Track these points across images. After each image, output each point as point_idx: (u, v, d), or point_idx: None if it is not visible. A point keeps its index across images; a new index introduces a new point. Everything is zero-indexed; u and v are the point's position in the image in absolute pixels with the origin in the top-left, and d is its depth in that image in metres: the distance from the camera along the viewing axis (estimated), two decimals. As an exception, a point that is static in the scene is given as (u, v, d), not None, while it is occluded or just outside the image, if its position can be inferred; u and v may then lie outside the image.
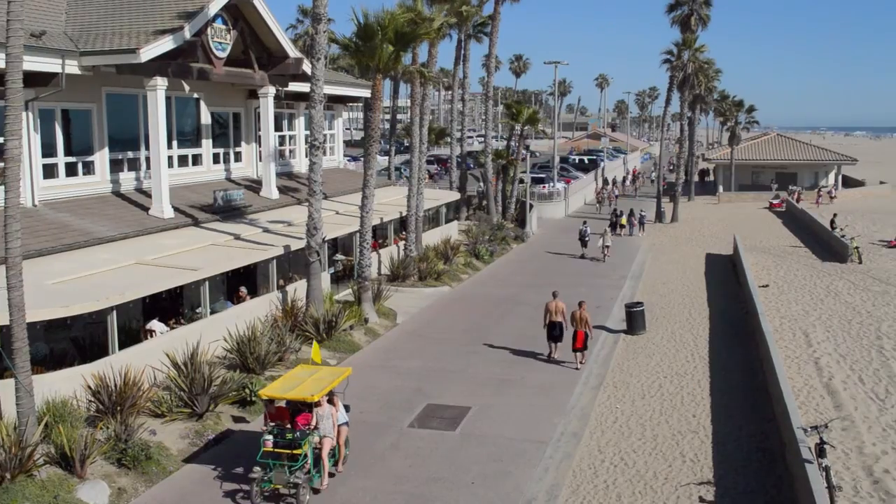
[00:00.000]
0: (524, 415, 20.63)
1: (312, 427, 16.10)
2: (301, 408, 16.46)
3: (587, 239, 45.85)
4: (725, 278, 38.93)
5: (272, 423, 16.30)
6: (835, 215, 54.94)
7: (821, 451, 15.82)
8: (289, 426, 16.29)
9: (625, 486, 16.76)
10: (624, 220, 54.92)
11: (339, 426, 16.61)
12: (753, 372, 24.05)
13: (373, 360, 25.10)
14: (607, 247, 44.09)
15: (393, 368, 24.32)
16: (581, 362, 24.61)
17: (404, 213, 37.61)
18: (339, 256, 33.62)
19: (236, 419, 19.73)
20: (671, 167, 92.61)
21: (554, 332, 25.14)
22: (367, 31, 27.85)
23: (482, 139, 62.78)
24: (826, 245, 48.29)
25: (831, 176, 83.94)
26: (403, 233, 38.17)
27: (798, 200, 72.36)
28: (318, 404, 16.14)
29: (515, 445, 18.65)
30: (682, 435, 19.47)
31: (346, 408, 17.27)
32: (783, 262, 43.51)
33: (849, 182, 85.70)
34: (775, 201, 71.94)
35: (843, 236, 46.62)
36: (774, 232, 56.33)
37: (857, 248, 43.40)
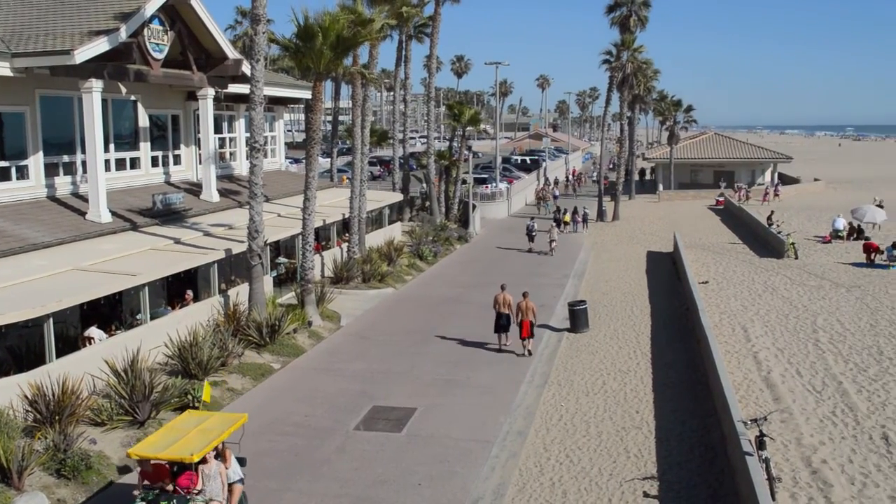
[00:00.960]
0: (470, 414, 20.67)
1: (196, 490, 13.71)
2: (184, 466, 13.87)
3: (534, 234, 47.63)
4: (666, 275, 39.48)
5: (148, 486, 13.88)
6: (772, 212, 56.05)
7: (760, 444, 16.12)
8: (169, 488, 13.85)
9: (570, 483, 16.89)
10: (568, 217, 56.41)
11: (230, 485, 14.17)
12: (695, 367, 24.42)
13: (317, 364, 24.95)
14: (554, 241, 45.79)
15: (337, 371, 24.20)
16: (528, 349, 25.73)
17: (347, 215, 37.45)
18: (281, 259, 33.34)
19: (179, 426, 19.42)
20: (612, 166, 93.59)
21: (501, 322, 26.26)
22: (308, 33, 27.66)
23: (425, 140, 62.80)
24: (763, 241, 49.25)
25: (768, 173, 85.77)
26: (346, 234, 38.01)
27: (747, 198, 73.92)
28: (204, 461, 13.79)
29: (462, 445, 18.68)
30: (626, 431, 19.69)
31: (241, 461, 14.82)
32: (722, 258, 44.27)
33: (784, 179, 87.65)
34: (721, 199, 73.30)
35: (779, 233, 47.61)
36: (713, 229, 57.27)
37: (793, 244, 44.32)
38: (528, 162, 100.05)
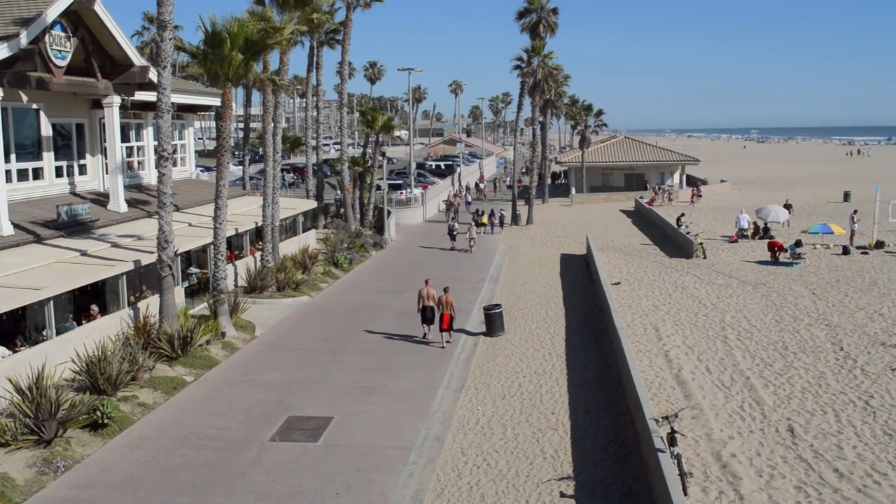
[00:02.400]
0: (387, 421, 20.61)
1: None
2: None
3: (455, 233, 50.84)
4: (580, 277, 40.05)
5: None
6: (682, 214, 57.39)
7: (672, 440, 16.43)
8: None
9: (488, 487, 16.97)
10: (485, 219, 58.70)
11: None
12: (608, 367, 24.82)
13: (231, 375, 24.57)
14: (473, 239, 49.14)
15: (252, 382, 23.86)
16: (448, 341, 27.38)
17: (260, 223, 37.01)
18: (193, 270, 32.72)
19: (88, 444, 18.90)
20: (525, 170, 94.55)
21: (426, 315, 27.73)
22: (216, 39, 27.25)
23: (338, 147, 62.44)
24: (673, 242, 50.38)
25: (676, 176, 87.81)
26: (260, 243, 37.55)
27: (669, 200, 75.58)
28: None
29: (379, 453, 18.61)
30: (543, 432, 19.88)
31: None
32: (634, 259, 45.12)
33: (692, 181, 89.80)
34: (647, 200, 74.82)
35: (688, 233, 48.79)
36: (625, 231, 58.33)
37: (701, 244, 45.46)
38: (443, 167, 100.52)
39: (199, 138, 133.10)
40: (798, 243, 43.53)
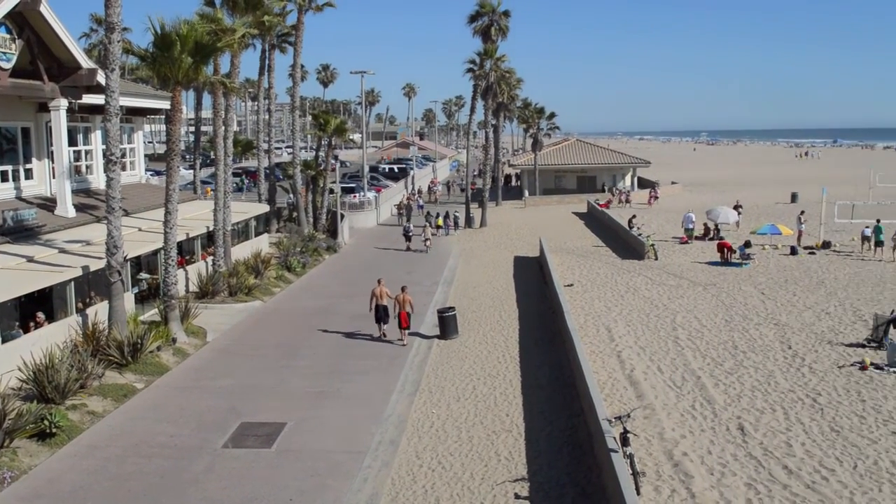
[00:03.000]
0: (341, 426, 20.52)
1: None
2: None
3: (411, 234, 52.15)
4: (533, 280, 40.24)
5: None
6: (633, 216, 57.95)
7: (625, 440, 16.59)
8: None
9: (443, 490, 16.96)
10: (440, 221, 59.34)
11: None
12: (561, 368, 24.96)
13: (183, 381, 24.27)
14: (428, 240, 50.43)
15: (204, 388, 23.60)
16: (403, 339, 28.16)
17: (211, 228, 36.64)
18: (143, 275, 32.33)
19: (35, 454, 18.53)
20: (478, 173, 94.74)
21: (379, 313, 28.67)
22: (165, 41, 26.93)
23: (291, 150, 62.03)
24: (625, 244, 50.84)
25: (628, 178, 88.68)
26: (212, 248, 37.17)
27: (627, 201, 76.32)
28: None
29: (333, 458, 18.52)
30: (497, 434, 19.93)
31: None
32: (586, 261, 45.43)
33: (643, 183, 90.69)
34: (602, 202, 75.46)
35: (639, 235, 49.27)
36: (577, 233, 58.72)
37: (652, 245, 45.94)
38: (396, 170, 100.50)
39: (150, 142, 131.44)
40: (747, 244, 44.19)
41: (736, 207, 58.45)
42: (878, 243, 43.80)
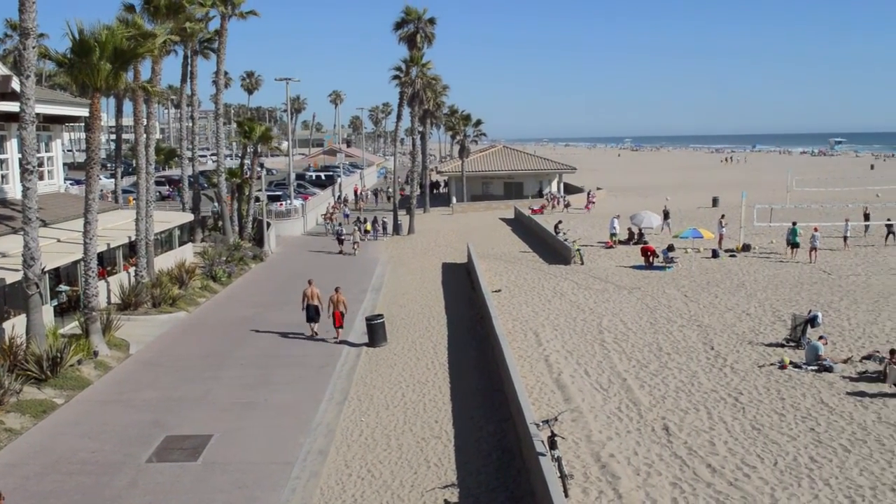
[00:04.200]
0: (269, 437, 20.28)
1: None
2: None
3: (343, 238, 54.53)
4: (461, 286, 40.36)
5: None
6: (559, 221, 58.55)
7: (552, 443, 16.72)
8: None
9: (373, 498, 16.87)
10: (369, 226, 60.59)
11: None
12: (490, 373, 25.06)
13: (105, 395, 23.70)
14: (357, 243, 53.21)
15: (127, 402, 23.08)
16: (338, 338, 29.46)
17: (133, 238, 35.90)
18: (62, 287, 31.50)
19: (-52, 473, 17.90)
20: (406, 180, 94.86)
21: (310, 313, 29.84)
22: (84, 47, 26.33)
23: (216, 158, 61.22)
24: (551, 249, 51.32)
25: (554, 184, 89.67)
26: (134, 258, 36.41)
27: (565, 206, 77.20)
28: None
29: (261, 469, 18.28)
30: (426, 441, 19.91)
31: None
32: (514, 267, 45.73)
33: (570, 189, 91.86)
34: (536, 207, 76.23)
35: (566, 240, 49.80)
36: (505, 239, 59.07)
37: (578, 250, 46.45)
38: (324, 178, 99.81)
39: (69, 150, 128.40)
40: (670, 248, 45.01)
41: (664, 212, 59.59)
42: (794, 245, 45.05)
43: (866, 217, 54.93)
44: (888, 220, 52.14)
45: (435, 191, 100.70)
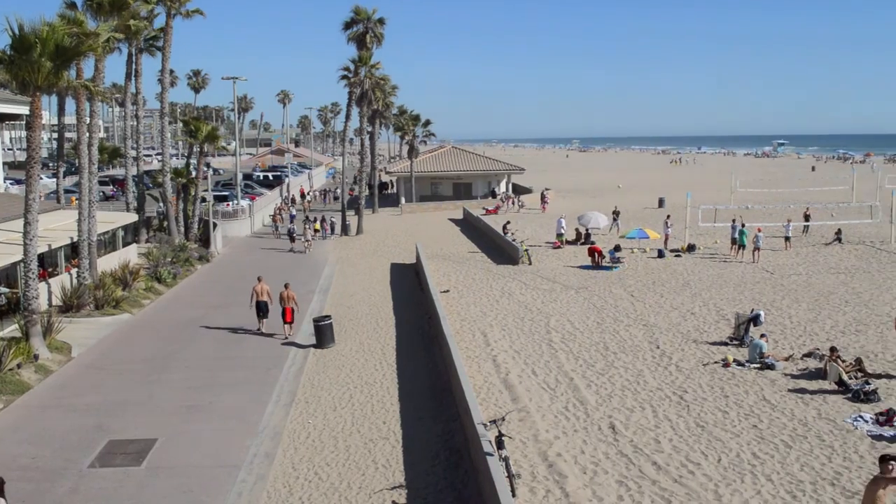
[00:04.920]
0: (215, 440, 20.05)
1: None
2: None
3: (295, 236, 56.05)
4: (409, 286, 40.31)
5: None
6: (507, 222, 58.82)
7: (500, 443, 16.78)
8: None
9: (320, 501, 16.77)
10: (318, 225, 61.04)
11: None
12: (438, 374, 25.08)
13: (45, 400, 23.22)
14: (308, 241, 53.97)
15: (68, 406, 22.64)
16: (289, 334, 29.99)
17: (76, 238, 35.25)
18: (1, 289, 30.79)
19: None
20: (354, 180, 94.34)
21: (261, 309, 30.43)
22: (24, 44, 25.77)
23: (161, 157, 60.38)
24: (500, 249, 51.52)
25: (503, 184, 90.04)
26: (76, 259, 35.75)
27: (521, 206, 77.62)
28: None
29: (207, 473, 18.06)
30: (374, 443, 19.85)
31: None
32: (462, 267, 45.81)
33: (518, 189, 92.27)
34: (490, 207, 76.55)
35: (514, 240, 50.04)
36: (454, 240, 59.15)
37: (526, 250, 46.71)
38: (271, 178, 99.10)
39: (9, 149, 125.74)
40: (617, 248, 45.46)
41: (614, 213, 60.20)
42: (741, 245, 45.82)
43: (806, 218, 56.05)
44: (838, 228, 52.65)
45: (384, 191, 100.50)
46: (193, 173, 55.34)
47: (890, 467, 13.12)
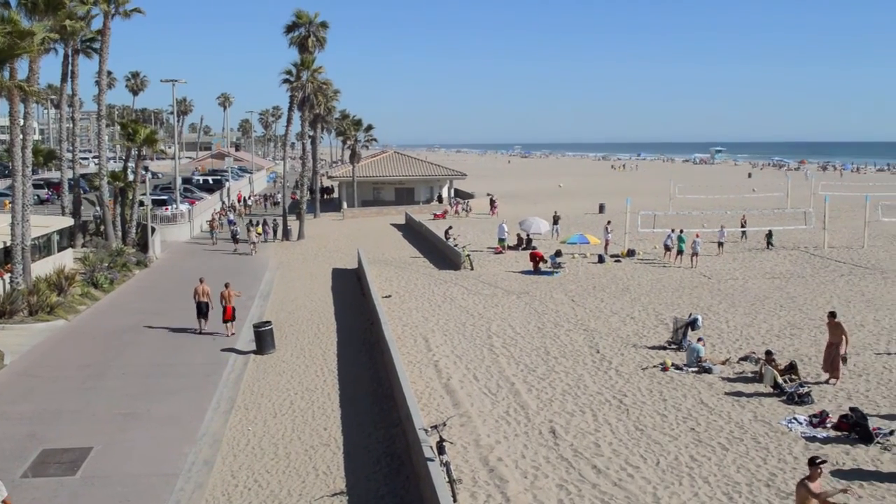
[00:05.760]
0: (152, 448, 19.73)
1: None
2: None
3: (238, 237, 57.36)
4: (351, 291, 40.15)
5: None
6: (450, 227, 58.94)
7: (441, 449, 16.80)
8: None
9: (260, 509, 16.61)
10: (259, 228, 60.54)
11: None
12: (380, 380, 25.00)
13: (-24, 408, 22.63)
14: (254, 243, 55.47)
15: (0, 414, 22.06)
16: (231, 332, 30.69)
17: (9, 243, 34.42)
18: (-70, 295, 29.98)
19: None
20: (295, 185, 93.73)
21: (202, 309, 30.90)
22: (-47, 44, 25.14)
23: (98, 161, 59.23)
24: (442, 254, 51.60)
25: (445, 189, 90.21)
26: (9, 264, 34.90)
27: (467, 212, 77.80)
28: None
29: (144, 482, 17.76)
30: (315, 449, 19.72)
31: None
32: (404, 272, 45.77)
33: (460, 195, 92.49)
34: (439, 212, 76.56)
35: (456, 245, 50.15)
36: (396, 244, 59.09)
37: (468, 255, 46.84)
38: (211, 182, 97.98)
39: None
40: (558, 253, 45.84)
41: (555, 218, 60.69)
42: (680, 251, 46.50)
43: (743, 224, 57.16)
44: (769, 230, 54.07)
45: (326, 196, 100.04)
46: (131, 177, 54.42)
47: (819, 470, 13.48)
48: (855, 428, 19.75)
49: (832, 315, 24.57)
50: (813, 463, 13.59)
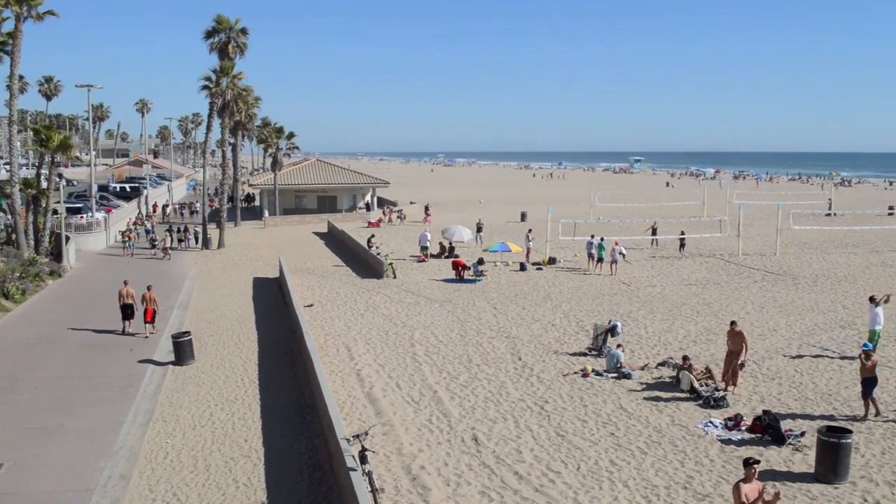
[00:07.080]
0: (66, 463, 19.20)
1: None
2: None
3: (157, 243, 58.55)
4: (273, 301, 39.73)
5: None
6: (372, 235, 58.82)
7: (363, 458, 16.72)
8: None
9: (178, 523, 16.30)
10: (181, 235, 61.88)
11: None
12: (301, 389, 24.78)
13: None
14: (168, 249, 57.24)
15: None
16: (152, 332, 31.78)
17: (-87, 253, 33.20)
18: None
19: None
20: (215, 192, 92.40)
21: (127, 311, 32.18)
22: None
23: (8, 167, 57.49)
24: (364, 263, 51.42)
25: (368, 197, 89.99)
26: (-87, 275, 33.65)
27: (401, 219, 78.57)
28: None
29: (57, 498, 17.27)
30: (235, 461, 19.44)
31: None
32: (326, 281, 45.47)
33: (383, 203, 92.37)
34: (373, 220, 76.32)
35: (378, 254, 50.06)
36: (318, 253, 58.67)
37: (391, 264, 46.78)
38: (129, 189, 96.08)
39: None
40: (480, 261, 46.11)
41: (478, 226, 61.09)
42: (600, 259, 47.18)
43: (654, 231, 58.38)
44: (681, 232, 55.57)
45: (246, 204, 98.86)
46: (44, 184, 52.99)
47: (753, 471, 13.88)
48: (768, 430, 20.33)
49: (733, 324, 25.15)
50: (747, 464, 13.98)
